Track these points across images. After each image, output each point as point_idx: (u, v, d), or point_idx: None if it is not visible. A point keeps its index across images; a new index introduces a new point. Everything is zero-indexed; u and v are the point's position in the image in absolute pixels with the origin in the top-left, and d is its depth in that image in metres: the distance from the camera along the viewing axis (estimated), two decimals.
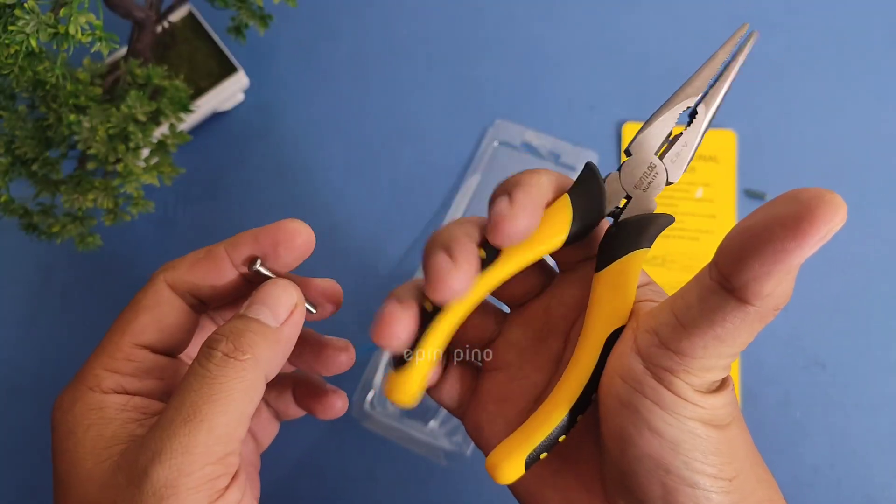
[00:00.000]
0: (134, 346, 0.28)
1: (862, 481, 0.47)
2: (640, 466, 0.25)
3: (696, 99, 0.28)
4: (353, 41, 0.57)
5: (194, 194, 0.54)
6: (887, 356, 0.49)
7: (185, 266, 0.29)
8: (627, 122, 0.54)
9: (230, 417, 0.24)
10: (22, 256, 0.53)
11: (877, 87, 0.54)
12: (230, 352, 0.25)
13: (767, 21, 0.56)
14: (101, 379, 0.27)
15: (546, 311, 0.30)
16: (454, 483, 0.48)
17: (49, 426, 0.26)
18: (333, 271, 0.52)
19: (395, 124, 0.55)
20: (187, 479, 0.22)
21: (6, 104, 0.44)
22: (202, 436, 0.23)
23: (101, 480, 0.24)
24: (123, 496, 0.22)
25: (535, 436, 0.27)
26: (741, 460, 0.25)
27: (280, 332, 0.26)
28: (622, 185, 0.27)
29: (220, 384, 0.24)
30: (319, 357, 0.31)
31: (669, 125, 0.28)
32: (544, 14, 0.57)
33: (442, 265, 0.24)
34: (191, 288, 0.29)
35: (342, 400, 0.33)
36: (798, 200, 0.21)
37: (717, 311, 0.22)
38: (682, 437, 0.24)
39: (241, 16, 0.48)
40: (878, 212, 0.51)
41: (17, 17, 0.34)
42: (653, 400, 0.24)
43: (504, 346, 0.31)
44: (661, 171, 0.27)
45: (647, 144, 0.27)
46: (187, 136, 0.45)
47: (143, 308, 0.29)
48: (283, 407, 0.33)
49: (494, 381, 0.30)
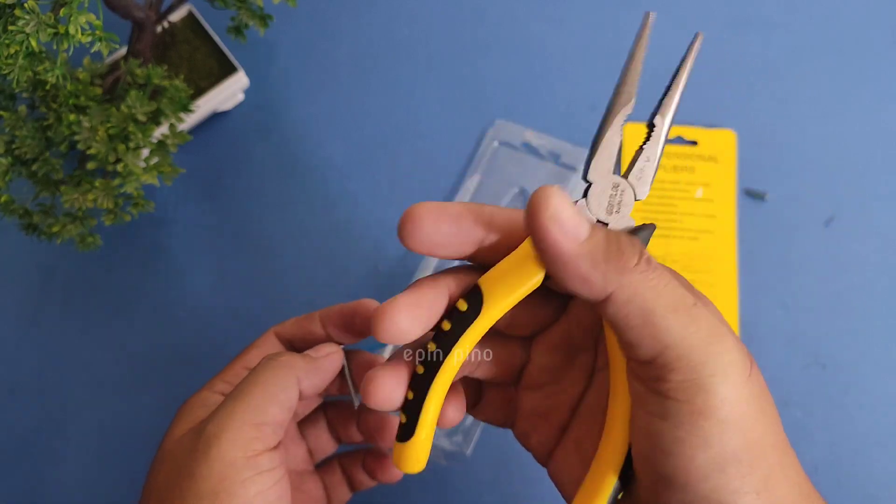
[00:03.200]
0: (243, 368, 0.37)
1: (863, 481, 0.47)
2: (664, 489, 0.24)
3: (632, 105, 0.27)
4: (353, 41, 0.57)
5: (194, 194, 0.54)
6: (887, 356, 0.49)
7: (290, 322, 0.39)
8: (628, 122, 0.54)
9: (263, 395, 0.31)
10: (22, 256, 0.53)
11: (877, 86, 0.54)
12: (272, 356, 0.33)
13: (767, 21, 0.56)
14: (215, 385, 0.36)
15: (567, 336, 0.30)
16: (454, 483, 0.48)
17: (45, 426, 0.29)
18: (334, 271, 0.52)
19: (395, 124, 0.55)
20: (227, 433, 0.30)
21: (6, 104, 0.44)
22: (241, 405, 0.31)
23: (179, 438, 0.32)
24: (190, 444, 0.31)
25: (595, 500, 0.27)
26: (770, 464, 0.24)
27: (316, 359, 0.34)
28: (591, 213, 0.27)
29: (258, 374, 0.32)
30: (383, 431, 0.39)
31: (616, 141, 0.27)
32: (544, 14, 0.57)
33: (396, 302, 0.27)
34: (291, 337, 0.38)
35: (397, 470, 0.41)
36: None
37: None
38: (693, 452, 0.23)
39: (241, 16, 0.48)
40: (878, 211, 0.51)
41: (17, 17, 0.34)
42: (659, 416, 0.24)
43: (536, 370, 0.31)
44: (628, 189, 0.27)
45: (603, 167, 0.27)
46: (187, 136, 0.45)
47: (255, 346, 0.38)
48: (354, 473, 0.41)
49: (534, 399, 0.31)
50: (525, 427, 0.32)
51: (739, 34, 0.56)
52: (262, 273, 0.52)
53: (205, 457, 0.29)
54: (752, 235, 0.51)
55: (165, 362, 0.51)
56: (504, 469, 0.48)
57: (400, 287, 0.50)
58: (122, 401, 0.50)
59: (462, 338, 0.27)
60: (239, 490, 0.29)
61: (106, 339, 0.52)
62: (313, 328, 0.38)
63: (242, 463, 0.29)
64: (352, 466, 0.41)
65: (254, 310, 0.52)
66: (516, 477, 0.48)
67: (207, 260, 0.53)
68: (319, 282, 0.52)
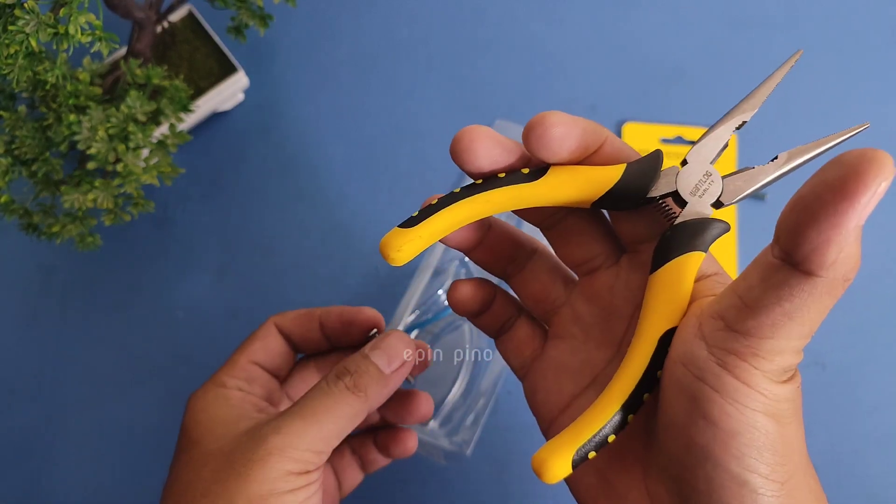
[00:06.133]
0: (248, 362, 0.38)
1: (863, 481, 0.47)
2: (689, 457, 0.24)
3: (750, 115, 0.28)
4: (353, 41, 0.57)
5: (194, 194, 0.54)
6: (887, 356, 0.49)
7: (290, 315, 0.39)
8: (628, 122, 0.54)
9: (333, 427, 0.32)
10: (22, 256, 0.53)
11: (877, 86, 0.54)
12: (351, 387, 0.33)
13: (767, 21, 0.56)
14: (226, 381, 0.37)
15: (611, 292, 0.30)
16: (454, 483, 0.48)
17: (45, 426, 0.28)
18: (334, 271, 0.52)
19: (395, 124, 0.55)
20: (289, 450, 0.31)
21: (6, 104, 0.44)
22: (311, 429, 0.32)
23: (231, 439, 0.33)
24: (246, 447, 0.32)
25: (583, 433, 0.26)
26: (795, 464, 0.24)
27: (389, 378, 0.34)
28: (677, 188, 0.28)
29: (336, 403, 0.33)
30: (408, 407, 0.39)
31: (724, 138, 0.28)
32: (544, 14, 0.57)
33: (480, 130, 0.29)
34: (290, 332, 0.39)
35: (413, 439, 0.41)
36: (842, 163, 0.21)
37: (783, 286, 0.22)
38: (740, 429, 0.23)
39: (241, 16, 0.48)
40: (878, 212, 0.51)
41: (17, 17, 0.34)
42: (713, 387, 0.23)
43: (570, 315, 0.31)
44: (718, 182, 0.28)
45: (704, 153, 0.28)
46: (187, 136, 0.45)
47: (257, 338, 0.38)
48: (366, 453, 0.41)
49: (557, 350, 0.31)
50: (537, 383, 0.32)
51: (739, 34, 0.56)
52: (262, 273, 0.52)
53: (262, 464, 0.31)
54: (752, 235, 0.51)
55: (164, 362, 0.51)
56: (504, 469, 0.48)
57: (399, 287, 0.50)
58: (122, 400, 0.50)
59: (510, 187, 0.28)
60: (288, 499, 0.31)
61: (106, 339, 0.52)
62: (312, 328, 0.39)
63: (294, 478, 0.31)
64: (363, 447, 0.41)
65: (254, 310, 0.52)
66: (516, 477, 0.48)
67: (207, 260, 0.53)
68: (319, 282, 0.52)
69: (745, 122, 0.28)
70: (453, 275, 0.49)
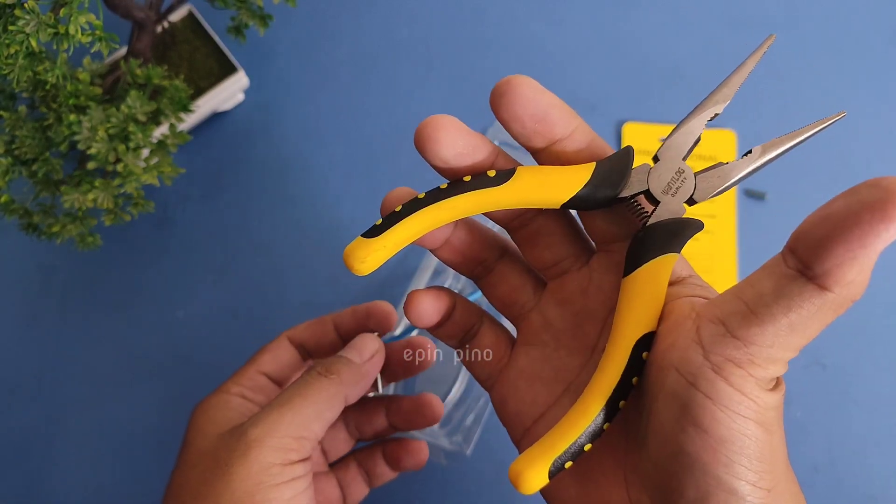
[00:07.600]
0: (256, 372, 0.39)
1: (862, 481, 0.47)
2: (676, 464, 0.24)
3: (722, 107, 0.27)
4: (353, 41, 0.57)
5: (194, 194, 0.54)
6: (887, 356, 0.49)
7: (301, 326, 0.40)
8: (628, 122, 0.54)
9: (310, 411, 0.32)
10: (22, 256, 0.53)
11: (877, 86, 0.54)
12: (322, 371, 0.34)
13: (768, 21, 0.56)
14: (231, 388, 0.38)
15: (583, 294, 0.29)
16: (454, 483, 0.48)
17: (45, 426, 0.30)
18: (333, 272, 0.52)
19: (395, 124, 0.55)
20: (269, 439, 0.31)
21: (6, 104, 0.44)
22: (287, 416, 0.32)
23: (218, 438, 0.33)
24: (228, 445, 0.32)
25: (559, 443, 0.26)
26: (780, 471, 0.24)
27: (362, 366, 0.35)
28: (649, 186, 0.27)
29: (309, 388, 0.33)
30: (419, 410, 0.40)
31: (697, 131, 0.27)
32: (544, 14, 0.57)
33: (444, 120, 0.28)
34: (303, 340, 0.40)
35: (424, 450, 0.41)
36: (881, 186, 0.21)
37: (795, 297, 0.22)
38: (730, 436, 0.23)
39: (241, 16, 0.48)
40: None
41: (17, 17, 0.34)
42: (706, 393, 0.23)
43: (540, 322, 0.30)
44: (691, 180, 0.27)
45: (676, 150, 0.27)
46: (187, 136, 0.45)
47: (268, 350, 0.40)
48: (373, 466, 0.41)
49: (528, 358, 0.30)
50: (507, 392, 0.31)
51: (739, 34, 0.56)
52: (262, 273, 0.52)
53: (244, 459, 0.31)
54: (752, 235, 0.51)
55: (164, 362, 0.51)
56: (504, 469, 0.48)
57: (399, 287, 0.50)
58: (122, 401, 0.50)
59: (476, 192, 0.27)
60: (274, 494, 0.31)
61: (106, 339, 0.52)
62: (326, 332, 0.40)
63: (279, 469, 0.31)
64: (369, 460, 0.41)
65: (253, 309, 0.52)
66: None
67: (207, 260, 0.53)
68: (319, 282, 0.52)
69: (717, 115, 0.27)
70: (453, 275, 0.49)
